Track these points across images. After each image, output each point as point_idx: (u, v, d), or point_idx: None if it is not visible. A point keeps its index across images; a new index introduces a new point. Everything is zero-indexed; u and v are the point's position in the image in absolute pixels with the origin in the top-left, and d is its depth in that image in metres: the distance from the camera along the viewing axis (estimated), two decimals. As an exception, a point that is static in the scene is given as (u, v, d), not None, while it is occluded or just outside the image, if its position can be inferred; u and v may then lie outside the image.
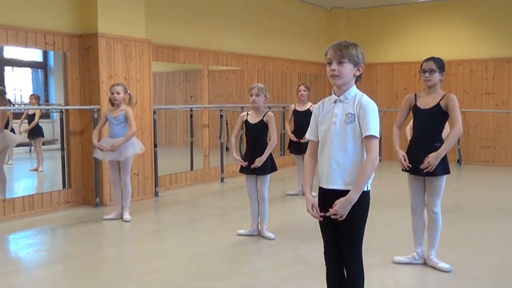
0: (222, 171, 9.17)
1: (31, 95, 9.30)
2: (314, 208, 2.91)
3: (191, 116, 8.90)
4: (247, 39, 10.11)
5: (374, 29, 11.93)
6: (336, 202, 2.80)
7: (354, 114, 2.85)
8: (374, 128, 2.80)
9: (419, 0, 10.99)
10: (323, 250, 3.07)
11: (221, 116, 9.11)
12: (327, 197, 2.92)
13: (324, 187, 2.94)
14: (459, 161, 11.05)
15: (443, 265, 4.36)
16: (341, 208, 2.78)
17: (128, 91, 6.20)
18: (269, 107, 5.51)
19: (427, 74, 4.28)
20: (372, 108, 2.84)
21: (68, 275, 4.44)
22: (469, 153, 11.36)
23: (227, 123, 9.46)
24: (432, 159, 4.12)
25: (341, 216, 2.80)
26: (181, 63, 8.80)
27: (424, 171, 4.17)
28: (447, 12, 11.38)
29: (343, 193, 2.85)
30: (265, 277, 4.28)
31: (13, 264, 4.81)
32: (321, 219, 2.92)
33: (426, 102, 4.30)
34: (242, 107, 9.22)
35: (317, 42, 12.11)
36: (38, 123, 9.07)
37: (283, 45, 10.94)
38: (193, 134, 8.92)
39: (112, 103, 6.07)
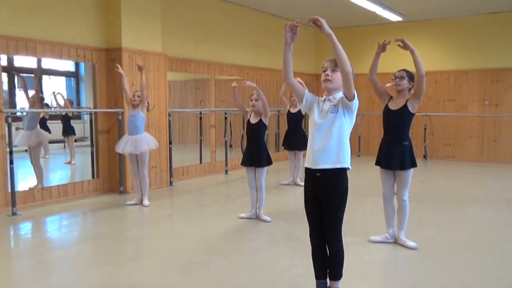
0: (226, 164, 9.20)
1: (66, 100, 9.30)
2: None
3: (200, 118, 8.91)
4: (248, 53, 10.12)
5: (355, 45, 11.93)
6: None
7: (337, 105, 2.88)
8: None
9: (392, 20, 10.99)
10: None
11: (226, 118, 9.09)
12: (314, 176, 2.94)
13: (311, 167, 2.95)
14: (425, 157, 11.09)
15: (410, 243, 4.40)
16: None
17: (147, 99, 6.28)
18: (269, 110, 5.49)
19: (397, 80, 4.28)
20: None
21: (96, 252, 4.46)
22: (433, 149, 11.40)
23: (230, 124, 9.47)
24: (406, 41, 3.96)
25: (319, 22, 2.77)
26: (192, 73, 8.80)
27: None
28: (416, 31, 11.40)
29: (330, 171, 2.88)
30: (263, 254, 4.29)
31: (50, 243, 4.83)
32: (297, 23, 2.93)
33: (395, 104, 4.28)
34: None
35: (307, 56, 12.13)
36: (70, 122, 9.10)
37: (278, 58, 10.88)
38: (202, 133, 8.93)
39: (132, 105, 6.16)
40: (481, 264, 4.00)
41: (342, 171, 2.93)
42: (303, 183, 2.89)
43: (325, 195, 2.94)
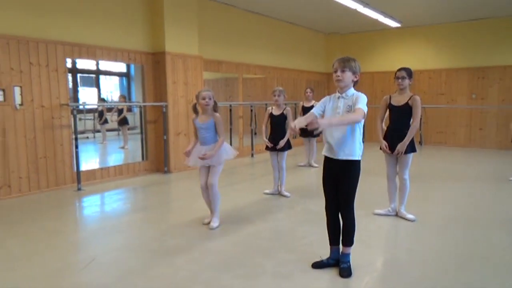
0: (252, 149, 9.17)
1: (120, 95, 9.39)
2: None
3: (230, 110, 8.85)
4: (270, 55, 10.00)
5: (361, 48, 11.73)
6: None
7: (351, 105, 2.82)
8: (362, 104, 2.75)
9: (392, 26, 10.73)
10: (324, 205, 3.06)
11: (251, 110, 9.08)
12: (331, 162, 2.92)
13: (329, 156, 2.94)
14: (420, 143, 10.88)
15: (410, 216, 4.32)
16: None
17: (214, 99, 4.10)
18: (285, 104, 5.44)
19: (400, 80, 4.19)
20: (362, 96, 2.82)
21: (146, 220, 4.49)
22: (427, 136, 11.16)
23: (255, 115, 9.41)
24: (400, 147, 4.08)
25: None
26: (223, 72, 8.77)
27: (395, 154, 4.13)
28: (413, 36, 11.12)
29: (344, 162, 2.85)
30: (284, 223, 4.28)
31: (108, 212, 4.90)
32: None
33: (398, 100, 4.21)
34: (266, 104, 9.20)
35: (319, 58, 11.95)
36: (125, 114, 9.20)
37: (295, 59, 10.81)
38: (232, 123, 8.89)
39: (196, 110, 4.16)
40: (471, 233, 3.90)
41: (356, 161, 2.88)
42: (317, 165, 2.90)
43: (341, 176, 2.90)
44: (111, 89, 10.17)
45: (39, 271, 3.11)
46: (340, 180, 2.91)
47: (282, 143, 5.20)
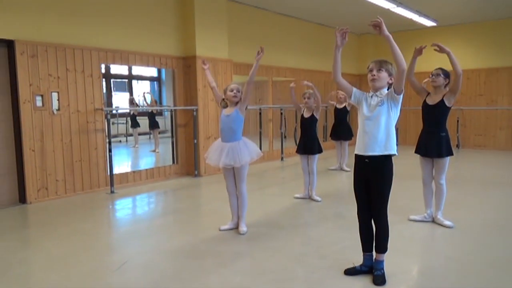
0: (282, 152, 9.14)
1: (153, 99, 9.61)
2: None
3: (260, 113, 8.90)
4: (300, 58, 9.98)
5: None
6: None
7: (384, 100, 2.81)
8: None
9: (427, 26, 10.48)
10: (356, 210, 3.02)
11: (281, 113, 9.07)
12: (363, 162, 2.87)
13: (361, 154, 2.88)
14: (457, 146, 10.54)
15: (447, 222, 4.19)
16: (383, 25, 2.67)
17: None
18: (315, 106, 5.40)
19: (433, 77, 4.09)
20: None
21: (177, 224, 4.56)
22: (465, 139, 10.81)
23: (285, 118, 9.42)
24: (441, 45, 3.73)
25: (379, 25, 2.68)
26: (253, 75, 8.78)
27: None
28: (449, 35, 10.81)
29: (378, 157, 2.81)
30: (315, 228, 4.24)
31: (140, 215, 5.00)
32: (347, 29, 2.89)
33: (432, 99, 4.09)
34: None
35: (351, 59, 11.81)
36: (155, 118, 9.41)
37: (325, 61, 10.71)
38: (262, 126, 8.93)
39: (223, 105, 4.09)
40: (511, 240, 3.76)
41: (388, 157, 2.84)
42: (348, 169, 2.86)
43: (373, 178, 2.86)
44: (145, 92, 10.40)
45: (74, 271, 3.22)
46: (372, 180, 2.86)
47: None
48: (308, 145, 5.26)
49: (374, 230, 2.97)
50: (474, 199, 5.40)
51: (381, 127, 2.80)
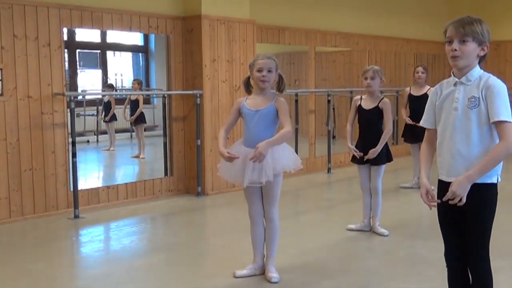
0: (329, 161, 9.08)
1: (134, 80, 9.67)
2: (429, 194, 2.81)
3: (296, 101, 8.86)
4: (358, 17, 9.92)
5: (502, 2, 11.32)
6: (452, 182, 2.67)
7: (479, 97, 2.72)
8: (505, 112, 2.64)
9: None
10: (443, 249, 3.00)
11: (329, 101, 9.00)
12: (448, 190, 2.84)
13: (444, 179, 2.84)
14: None
15: None
16: (458, 187, 2.63)
17: (279, 71, 4.02)
18: (381, 92, 5.38)
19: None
20: (501, 89, 2.69)
21: (170, 265, 4.57)
22: None
23: (334, 109, 9.36)
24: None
25: (460, 200, 2.65)
26: (286, 44, 8.80)
27: None
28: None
29: (474, 186, 2.75)
30: (379, 277, 4.22)
31: (117, 253, 5.04)
32: (435, 205, 2.81)
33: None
34: (351, 91, 9.12)
35: (436, 18, 11.62)
36: (141, 109, 9.44)
37: (397, 22, 10.60)
38: (298, 121, 8.88)
39: (248, 88, 4.12)
40: None
41: (490, 186, 2.79)
42: (431, 187, 2.80)
43: (467, 211, 2.82)
44: (121, 70, 10.54)
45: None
46: (466, 214, 2.84)
47: (373, 153, 5.12)
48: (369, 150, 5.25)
49: (470, 280, 2.95)
50: None
51: (474, 139, 2.74)
